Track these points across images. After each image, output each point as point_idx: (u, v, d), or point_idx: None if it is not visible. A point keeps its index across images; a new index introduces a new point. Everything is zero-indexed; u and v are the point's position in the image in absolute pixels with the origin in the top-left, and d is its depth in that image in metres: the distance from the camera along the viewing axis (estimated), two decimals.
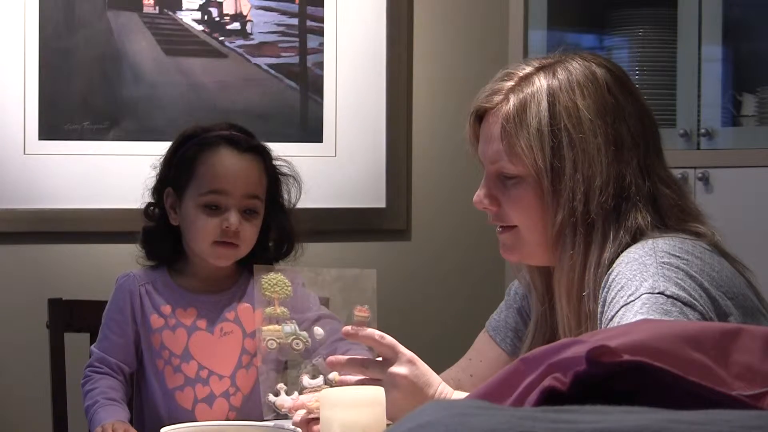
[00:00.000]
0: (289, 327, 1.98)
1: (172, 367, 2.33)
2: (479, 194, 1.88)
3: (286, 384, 1.98)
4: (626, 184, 1.78)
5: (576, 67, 1.83)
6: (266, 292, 2.00)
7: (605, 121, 1.79)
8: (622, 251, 1.76)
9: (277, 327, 1.97)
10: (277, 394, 1.97)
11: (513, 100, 1.82)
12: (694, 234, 1.80)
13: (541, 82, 1.82)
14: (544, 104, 1.80)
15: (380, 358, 1.86)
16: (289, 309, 1.99)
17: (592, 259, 1.78)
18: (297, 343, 1.98)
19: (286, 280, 2.01)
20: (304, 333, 1.99)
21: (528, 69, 1.85)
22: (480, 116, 1.89)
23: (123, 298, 2.36)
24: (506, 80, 1.85)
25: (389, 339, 1.85)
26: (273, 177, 2.40)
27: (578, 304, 1.79)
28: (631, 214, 1.78)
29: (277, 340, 1.97)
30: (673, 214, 1.82)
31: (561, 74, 1.82)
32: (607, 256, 1.77)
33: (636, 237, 1.78)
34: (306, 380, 1.95)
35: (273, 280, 2.01)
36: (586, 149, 1.78)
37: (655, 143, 1.86)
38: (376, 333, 1.86)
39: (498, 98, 1.85)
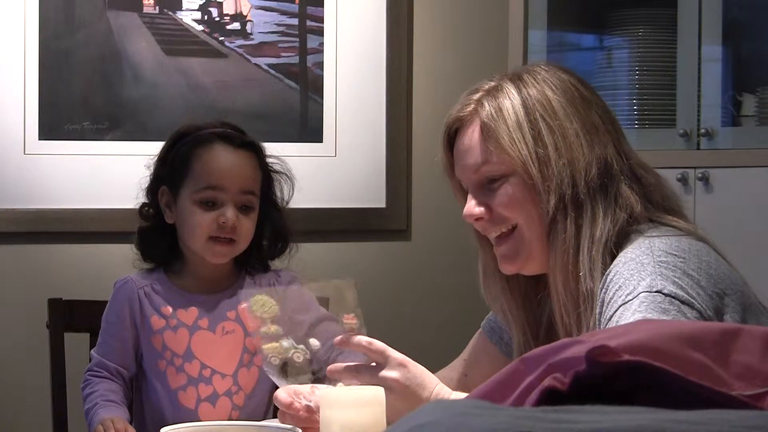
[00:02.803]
0: (287, 342, 2.00)
1: (175, 368, 2.33)
2: (469, 206, 1.92)
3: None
4: (609, 164, 1.84)
5: (539, 70, 1.91)
6: (257, 313, 2.01)
7: (577, 108, 1.86)
8: (618, 228, 1.80)
9: (275, 344, 1.99)
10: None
11: (487, 104, 1.88)
12: (680, 230, 1.82)
13: (509, 86, 1.89)
14: (518, 101, 1.86)
15: (374, 364, 1.86)
16: (280, 326, 2.01)
17: (585, 238, 1.81)
18: (298, 356, 1.99)
19: (272, 300, 2.03)
20: (302, 346, 2.00)
21: (492, 82, 1.92)
22: (452, 136, 1.93)
23: (121, 303, 2.35)
24: (473, 94, 1.92)
25: (378, 344, 1.86)
26: (267, 174, 2.41)
27: (575, 285, 1.81)
28: (619, 191, 1.83)
29: (279, 357, 1.98)
30: (655, 193, 1.87)
31: (527, 77, 1.89)
32: (598, 233, 1.80)
33: (632, 214, 1.81)
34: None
35: (260, 301, 2.03)
36: (565, 134, 1.84)
37: (623, 135, 1.93)
38: (364, 340, 1.86)
39: (470, 108, 1.90)
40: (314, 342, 2.04)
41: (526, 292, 1.96)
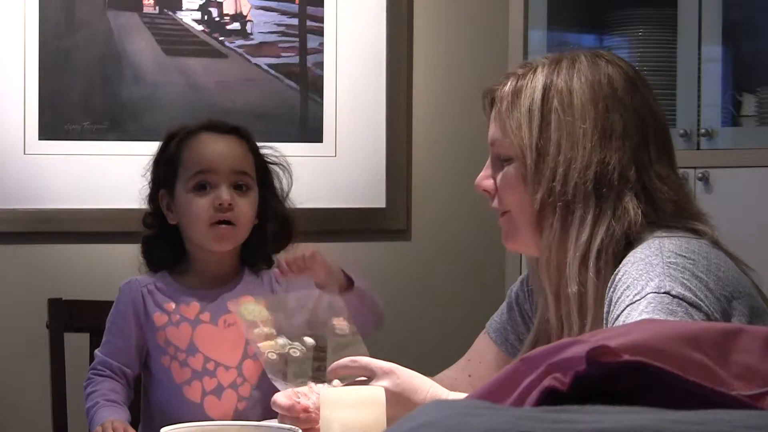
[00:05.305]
0: (282, 339, 2.01)
1: (179, 362, 2.33)
2: (480, 176, 1.93)
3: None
4: (609, 170, 1.80)
5: (582, 59, 1.87)
6: (247, 318, 2.03)
7: (597, 107, 1.82)
8: (609, 239, 1.78)
9: (271, 342, 2.00)
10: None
11: (511, 83, 1.87)
12: (694, 232, 1.81)
13: (543, 70, 1.86)
14: (539, 87, 1.84)
15: (364, 378, 1.86)
16: (272, 327, 2.02)
17: (571, 240, 1.80)
18: (294, 351, 2.00)
19: (260, 306, 2.04)
20: (297, 343, 2.01)
21: (542, 59, 1.89)
22: (492, 101, 1.93)
23: (125, 304, 2.37)
24: (517, 68, 1.91)
25: (360, 360, 1.85)
26: (261, 162, 2.42)
27: (558, 281, 1.82)
28: (616, 202, 1.79)
29: (276, 352, 1.99)
30: (668, 210, 1.82)
31: (565, 63, 1.86)
32: (584, 238, 1.78)
33: (630, 228, 1.78)
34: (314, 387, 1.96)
35: (249, 308, 2.04)
36: (572, 132, 1.81)
37: (659, 142, 1.88)
38: (347, 360, 1.85)
39: (502, 83, 1.90)
40: (309, 341, 2.04)
41: None
